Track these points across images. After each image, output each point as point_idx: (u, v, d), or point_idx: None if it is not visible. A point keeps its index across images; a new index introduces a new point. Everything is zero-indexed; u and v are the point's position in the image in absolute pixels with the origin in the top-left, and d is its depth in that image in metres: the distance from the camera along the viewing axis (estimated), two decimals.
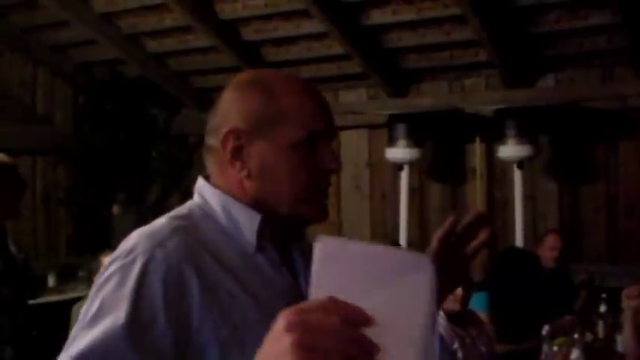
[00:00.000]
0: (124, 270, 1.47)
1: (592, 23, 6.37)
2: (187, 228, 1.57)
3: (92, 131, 8.34)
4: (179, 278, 1.47)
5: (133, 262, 1.48)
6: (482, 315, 5.33)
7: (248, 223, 1.61)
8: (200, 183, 1.69)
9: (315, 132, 1.62)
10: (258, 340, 1.31)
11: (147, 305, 1.44)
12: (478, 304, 5.47)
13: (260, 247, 1.62)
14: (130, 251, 1.50)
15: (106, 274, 1.49)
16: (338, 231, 8.37)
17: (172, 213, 1.65)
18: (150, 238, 1.52)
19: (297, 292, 1.62)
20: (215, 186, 1.66)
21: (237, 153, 1.61)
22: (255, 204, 1.62)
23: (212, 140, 1.66)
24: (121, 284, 1.46)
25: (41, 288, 7.15)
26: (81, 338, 1.43)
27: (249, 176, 1.61)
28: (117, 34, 8.05)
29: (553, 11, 6.41)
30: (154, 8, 7.56)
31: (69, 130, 8.79)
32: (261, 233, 1.62)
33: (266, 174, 1.61)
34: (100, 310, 1.45)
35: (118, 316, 1.42)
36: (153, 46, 8.22)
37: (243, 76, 1.72)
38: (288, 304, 1.43)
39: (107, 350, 1.40)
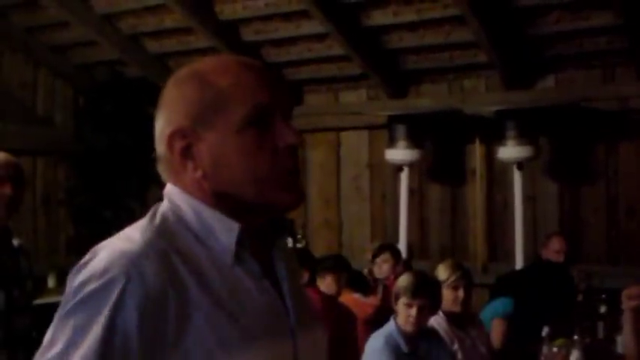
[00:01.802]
0: (99, 295, 1.35)
1: (592, 24, 6.38)
2: (162, 239, 1.44)
3: (92, 132, 8.34)
4: (155, 305, 1.36)
5: (108, 285, 1.35)
6: (498, 321, 5.36)
7: (225, 232, 1.47)
8: (169, 188, 1.53)
9: (262, 106, 1.47)
10: None
11: (120, 338, 1.34)
12: (498, 310, 5.49)
13: (238, 259, 1.48)
14: (105, 271, 1.37)
15: (80, 297, 1.37)
16: (338, 232, 8.38)
17: (145, 221, 1.49)
18: (125, 257, 1.38)
19: (278, 308, 1.51)
20: (183, 190, 1.52)
21: (186, 153, 1.47)
22: (219, 203, 1.48)
23: (160, 147, 1.52)
24: (95, 312, 1.35)
25: (40, 289, 7.16)
26: None
27: (204, 175, 1.47)
28: (117, 35, 8.06)
29: (553, 12, 6.41)
30: (154, 9, 7.57)
31: (69, 131, 8.80)
32: (239, 243, 1.47)
33: (222, 167, 1.46)
34: (71, 340, 1.34)
35: (90, 349, 1.33)
36: (153, 46, 8.23)
37: (177, 72, 1.56)
38: (269, 324, 1.44)
39: None
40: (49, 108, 8.83)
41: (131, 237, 1.43)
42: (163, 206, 1.52)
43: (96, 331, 1.33)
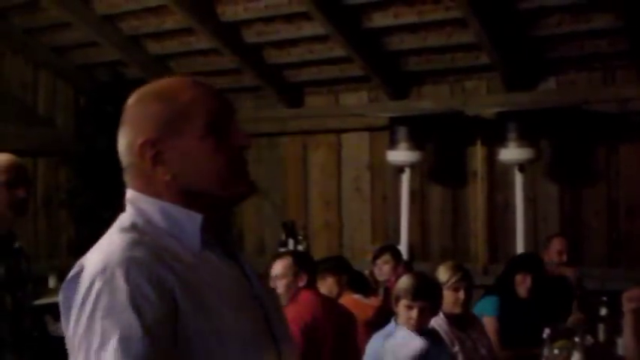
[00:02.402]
0: (109, 285, 1.54)
1: (593, 26, 6.38)
2: (139, 238, 1.66)
3: (93, 133, 8.34)
4: (158, 278, 1.57)
5: (113, 275, 1.55)
6: (490, 320, 5.34)
7: (189, 222, 1.71)
8: (132, 194, 1.76)
9: (218, 114, 1.74)
10: (228, 330, 1.61)
11: (148, 308, 1.52)
12: (487, 308, 5.48)
13: (204, 244, 1.71)
14: (104, 268, 1.57)
15: (93, 294, 1.54)
16: (339, 233, 8.38)
17: (115, 229, 1.72)
18: (115, 253, 1.60)
19: (244, 280, 1.78)
20: (146, 194, 1.74)
21: (156, 160, 1.70)
22: (187, 201, 1.72)
23: (129, 158, 1.75)
24: (113, 299, 1.53)
25: (41, 290, 7.17)
26: None
27: (174, 177, 1.70)
28: (118, 36, 8.07)
29: (554, 14, 6.41)
30: (155, 10, 7.57)
31: (70, 132, 8.80)
32: (203, 231, 1.71)
33: (189, 169, 1.70)
34: (106, 331, 1.50)
35: (129, 329, 1.50)
36: (154, 48, 8.24)
37: (136, 93, 1.81)
38: (241, 291, 1.71)
39: None
40: (50, 109, 8.84)
41: (111, 241, 1.67)
42: (128, 213, 1.75)
43: (126, 314, 1.51)
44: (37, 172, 8.53)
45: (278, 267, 4.76)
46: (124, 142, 1.76)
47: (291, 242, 8.43)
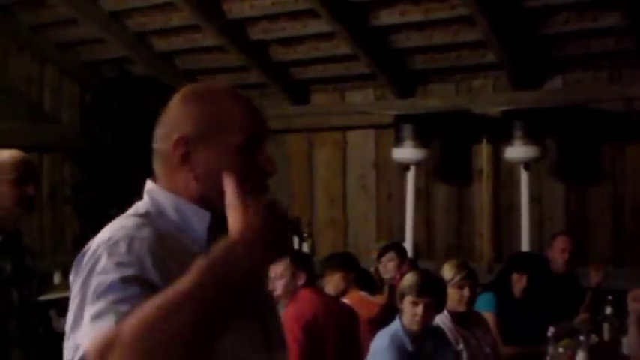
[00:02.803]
0: (111, 250, 1.60)
1: (600, 25, 6.37)
2: (149, 223, 1.71)
3: (99, 129, 8.35)
4: (161, 257, 1.61)
5: (116, 243, 1.61)
6: (488, 316, 5.33)
7: (198, 220, 1.77)
8: (150, 186, 1.85)
9: (253, 136, 1.78)
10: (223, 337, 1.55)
11: (148, 272, 1.57)
12: (484, 304, 5.48)
13: (210, 241, 1.72)
14: (109, 238, 1.64)
15: (95, 257, 1.61)
16: (344, 231, 8.38)
17: (130, 213, 1.80)
18: (123, 229, 1.67)
19: None
20: (163, 188, 1.81)
21: (186, 158, 1.76)
22: (201, 203, 1.77)
23: (161, 146, 1.81)
24: (113, 259, 1.58)
25: (46, 286, 7.18)
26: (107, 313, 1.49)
27: (196, 179, 1.76)
28: (125, 33, 8.08)
29: (561, 13, 6.40)
30: (161, 7, 7.58)
31: (76, 128, 8.81)
32: (211, 229, 1.76)
33: (211, 177, 1.74)
34: (100, 283, 1.54)
35: (124, 276, 1.54)
36: (160, 45, 8.24)
37: (189, 88, 1.86)
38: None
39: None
40: (56, 105, 8.85)
41: (121, 221, 1.74)
42: (144, 202, 1.83)
43: (123, 270, 1.55)
44: (43, 168, 8.53)
45: (275, 268, 4.77)
46: (162, 130, 1.82)
47: (295, 240, 8.44)
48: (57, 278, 7.64)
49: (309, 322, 4.52)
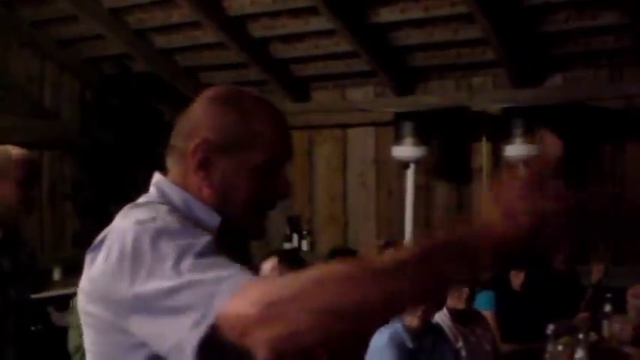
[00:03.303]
0: (145, 230, 1.53)
1: (600, 23, 6.36)
2: (162, 216, 1.62)
3: (99, 126, 8.35)
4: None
5: (145, 226, 1.54)
6: (488, 314, 5.34)
7: (206, 216, 1.71)
8: (158, 178, 1.79)
9: (276, 158, 1.75)
10: None
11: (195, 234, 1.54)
12: (483, 302, 5.49)
13: (219, 243, 1.65)
14: (137, 221, 1.57)
15: (131, 240, 1.52)
16: (343, 228, 8.38)
17: (132, 204, 1.73)
18: (143, 213, 1.61)
19: None
20: (173, 181, 1.76)
21: (204, 164, 1.71)
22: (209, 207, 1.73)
23: (180, 142, 1.75)
24: (155, 235, 1.51)
25: (45, 282, 7.20)
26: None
27: (209, 187, 1.71)
28: (125, 30, 8.07)
29: (561, 10, 6.40)
30: (162, 4, 7.57)
31: (76, 125, 8.80)
32: (220, 231, 1.70)
33: (225, 189, 1.71)
34: (165, 252, 1.48)
35: (189, 242, 1.50)
36: (161, 41, 8.24)
37: (221, 90, 1.81)
38: None
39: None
40: (56, 102, 8.85)
41: (130, 212, 1.66)
42: (151, 194, 1.77)
43: (180, 236, 1.51)
44: (42, 164, 8.53)
45: (264, 270, 4.77)
46: (186, 126, 1.77)
47: (295, 237, 8.44)
48: (56, 274, 7.65)
49: None
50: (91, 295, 1.60)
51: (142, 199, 1.76)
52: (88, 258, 1.61)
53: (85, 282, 1.62)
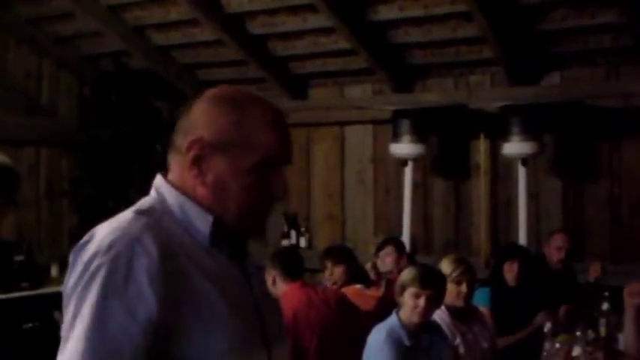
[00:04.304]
0: (108, 268, 1.57)
1: (598, 21, 6.37)
2: (153, 223, 1.68)
3: (97, 123, 8.35)
4: (159, 270, 1.58)
5: (115, 260, 1.58)
6: (485, 311, 5.35)
7: (201, 222, 1.74)
8: (158, 180, 1.81)
9: (271, 160, 1.76)
10: (221, 330, 1.63)
11: (137, 300, 1.55)
12: (481, 299, 5.50)
13: (213, 243, 1.74)
14: (110, 247, 1.60)
15: (89, 272, 1.58)
16: (341, 226, 8.38)
17: (135, 208, 1.75)
18: (125, 234, 1.63)
19: (246, 282, 1.80)
20: (172, 183, 1.79)
21: (197, 161, 1.74)
22: (207, 208, 1.75)
23: (179, 140, 1.78)
24: (110, 282, 1.56)
25: (43, 279, 7.20)
26: (77, 340, 1.53)
27: (203, 184, 1.74)
28: (123, 27, 8.07)
29: (559, 9, 6.40)
30: (160, 1, 7.58)
31: (73, 122, 8.80)
32: (214, 234, 1.74)
33: (218, 188, 1.74)
34: (94, 311, 1.55)
35: (111, 316, 1.54)
36: (158, 38, 8.24)
37: (221, 90, 1.83)
38: (240, 291, 1.72)
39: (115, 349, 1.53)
40: (54, 98, 8.84)
41: (126, 219, 1.69)
42: (150, 197, 1.80)
43: (114, 297, 1.54)
44: (40, 161, 8.55)
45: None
46: (184, 124, 1.79)
47: (293, 234, 8.45)
48: (54, 271, 7.64)
49: (289, 321, 4.51)
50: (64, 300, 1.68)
51: (138, 203, 1.79)
52: (71, 258, 1.67)
53: (64, 284, 1.69)
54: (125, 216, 1.72)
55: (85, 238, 1.68)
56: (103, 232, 1.65)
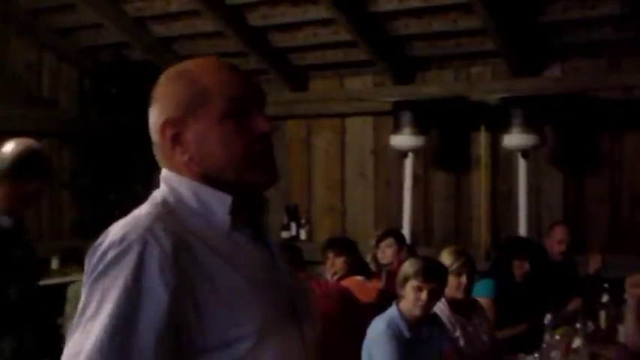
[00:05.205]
0: (120, 259, 1.57)
1: (599, 13, 6.36)
2: (167, 214, 1.68)
3: (97, 115, 8.35)
4: (172, 261, 1.57)
5: (127, 250, 1.57)
6: (486, 301, 5.35)
7: (219, 204, 1.72)
8: (165, 173, 1.79)
9: (239, 100, 1.74)
10: (249, 312, 1.62)
11: (147, 292, 1.55)
12: (482, 290, 5.50)
13: (234, 225, 1.72)
14: (122, 239, 1.59)
15: (104, 264, 1.58)
16: (342, 218, 8.39)
17: (148, 203, 1.75)
18: (138, 226, 1.62)
19: (273, 263, 1.78)
20: (177, 173, 1.76)
21: (176, 140, 1.73)
22: (206, 182, 1.73)
23: (154, 136, 1.79)
24: (119, 274, 1.56)
25: (44, 271, 7.19)
26: (87, 333, 1.53)
27: (191, 159, 1.72)
28: (123, 18, 8.05)
29: (560, 0, 6.40)
30: None
31: (74, 114, 8.80)
32: (232, 212, 1.72)
33: (205, 152, 1.72)
34: (102, 301, 1.55)
35: (120, 307, 1.53)
36: (159, 30, 8.22)
37: (166, 71, 1.82)
38: (266, 272, 1.71)
39: (116, 345, 1.52)
40: (54, 90, 8.84)
41: (139, 214, 1.68)
42: (161, 190, 1.77)
43: (124, 289, 1.54)
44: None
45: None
46: (151, 119, 1.80)
47: (293, 226, 8.45)
48: (55, 263, 7.65)
49: None
50: None
51: (150, 197, 1.78)
52: (86, 259, 1.65)
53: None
54: (138, 211, 1.71)
55: (100, 238, 1.66)
56: (116, 227, 1.65)
